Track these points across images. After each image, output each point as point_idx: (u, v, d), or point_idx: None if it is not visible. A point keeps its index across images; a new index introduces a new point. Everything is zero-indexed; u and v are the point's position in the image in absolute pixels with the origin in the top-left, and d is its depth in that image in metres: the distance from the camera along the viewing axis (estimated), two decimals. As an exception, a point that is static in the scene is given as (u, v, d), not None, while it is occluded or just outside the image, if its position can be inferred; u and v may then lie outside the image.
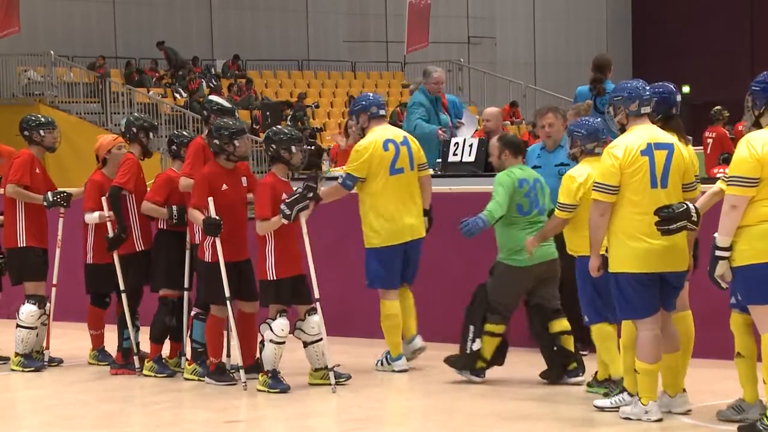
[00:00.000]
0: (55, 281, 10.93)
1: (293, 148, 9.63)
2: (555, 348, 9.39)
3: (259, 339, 9.59)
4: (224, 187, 9.77)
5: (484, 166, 11.80)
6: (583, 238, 8.44)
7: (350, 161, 10.24)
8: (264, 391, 9.41)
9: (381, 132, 10.27)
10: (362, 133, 10.62)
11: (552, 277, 9.47)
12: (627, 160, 7.93)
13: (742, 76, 40.89)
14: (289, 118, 30.11)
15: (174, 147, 10.49)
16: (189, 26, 35.51)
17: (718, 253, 7.44)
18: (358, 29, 38.24)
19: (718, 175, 16.80)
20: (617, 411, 8.28)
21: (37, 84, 29.46)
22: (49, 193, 10.80)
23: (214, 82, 32.55)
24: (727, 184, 7.47)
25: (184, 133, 10.65)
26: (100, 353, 10.94)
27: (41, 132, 10.96)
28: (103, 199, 10.50)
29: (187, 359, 10.28)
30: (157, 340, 10.34)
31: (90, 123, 28.51)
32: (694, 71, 39.56)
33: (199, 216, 9.68)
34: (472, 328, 9.46)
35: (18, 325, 10.78)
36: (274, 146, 9.67)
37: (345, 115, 30.58)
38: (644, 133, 8.04)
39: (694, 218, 7.73)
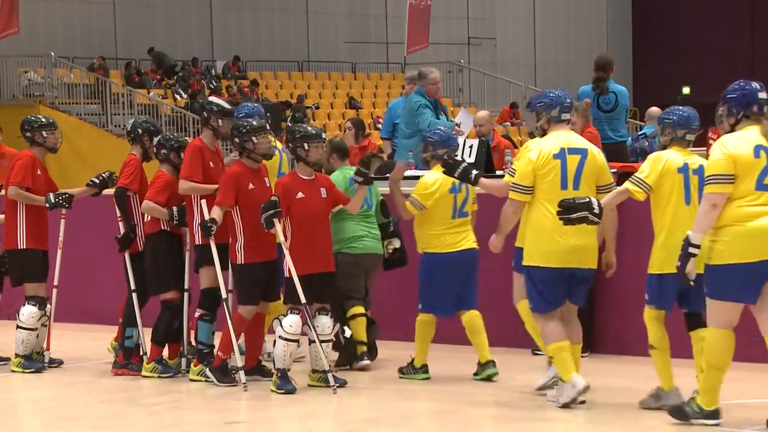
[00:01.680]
0: (56, 282, 10.93)
1: (306, 145, 9.60)
2: (344, 335, 10.19)
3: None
4: (251, 186, 9.75)
5: (485, 167, 11.79)
6: (429, 236, 9.67)
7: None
8: (274, 391, 9.41)
9: None
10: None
11: (373, 269, 10.51)
12: (540, 162, 8.49)
13: (743, 77, 40.87)
14: (289, 119, 30.11)
15: (164, 151, 10.45)
16: (189, 27, 35.51)
17: (691, 249, 7.68)
18: (359, 30, 38.25)
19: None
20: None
21: (37, 85, 29.49)
22: (51, 195, 10.78)
23: (215, 83, 32.56)
24: (706, 184, 7.74)
25: (175, 137, 10.59)
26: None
27: (44, 133, 10.95)
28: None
29: (187, 358, 10.30)
30: (159, 342, 10.34)
31: (90, 124, 28.53)
32: (694, 72, 39.58)
33: (215, 212, 9.66)
34: (339, 325, 10.08)
35: (18, 327, 10.77)
36: (290, 144, 9.67)
37: (345, 116, 30.60)
38: (560, 138, 8.58)
39: (596, 211, 8.12)
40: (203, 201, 9.82)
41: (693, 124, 8.52)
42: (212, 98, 10.78)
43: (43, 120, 11.11)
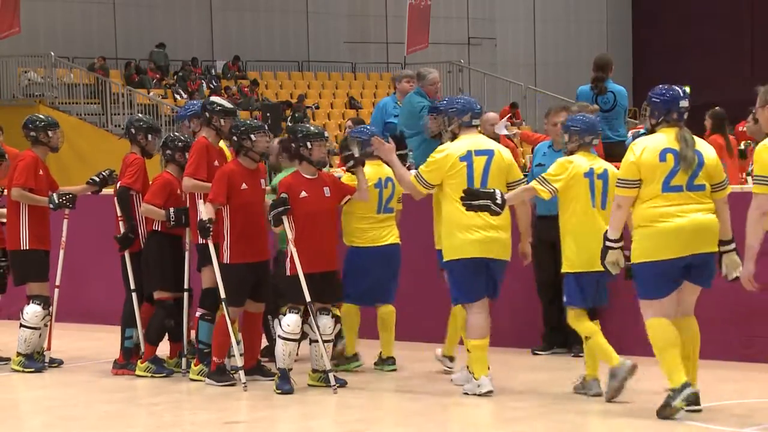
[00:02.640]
0: (58, 282, 10.93)
1: (309, 144, 9.59)
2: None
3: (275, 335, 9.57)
4: (243, 186, 9.74)
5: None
6: (356, 230, 10.08)
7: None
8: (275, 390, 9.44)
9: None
10: None
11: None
12: (447, 164, 9.07)
13: (742, 77, 40.94)
14: (289, 119, 30.12)
15: (168, 151, 10.46)
16: (189, 27, 35.51)
17: (607, 243, 8.24)
18: (359, 30, 38.24)
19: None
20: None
21: (37, 85, 29.50)
22: (54, 195, 10.80)
23: (215, 83, 32.56)
24: (616, 185, 8.26)
25: (179, 136, 10.59)
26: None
27: (48, 132, 10.97)
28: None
29: (187, 357, 10.31)
30: (152, 342, 10.35)
31: (90, 124, 28.54)
32: (694, 72, 39.55)
33: (208, 210, 9.67)
34: (271, 318, 10.35)
35: (22, 325, 10.79)
36: (293, 143, 9.67)
37: (345, 116, 30.60)
38: (468, 141, 9.16)
39: (498, 201, 8.67)
40: (200, 202, 9.83)
41: (598, 130, 9.13)
42: (214, 98, 10.78)
43: (47, 119, 11.13)
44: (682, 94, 8.32)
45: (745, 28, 40.93)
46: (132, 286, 10.56)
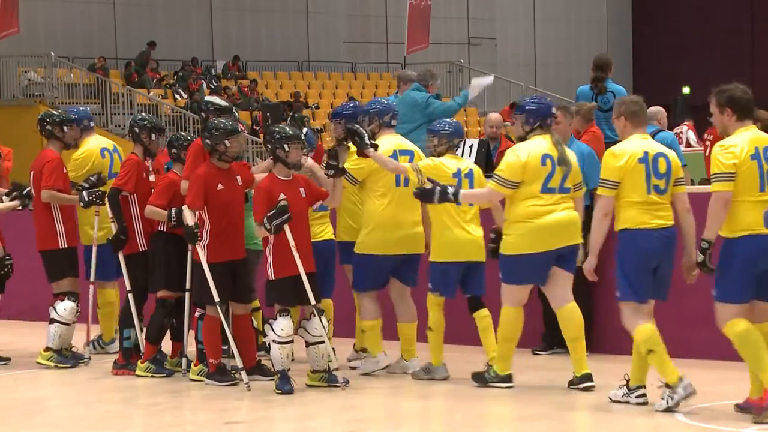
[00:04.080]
0: (92, 278, 10.90)
1: (286, 146, 9.58)
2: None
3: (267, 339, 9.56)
4: (220, 186, 9.76)
5: (485, 167, 11.79)
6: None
7: None
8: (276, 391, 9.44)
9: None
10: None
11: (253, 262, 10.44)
12: (374, 163, 9.76)
13: (742, 77, 40.91)
14: (289, 119, 30.11)
15: (174, 150, 10.47)
16: (189, 27, 35.51)
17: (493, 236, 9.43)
18: (359, 30, 38.25)
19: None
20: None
21: (37, 85, 29.51)
22: (85, 193, 10.82)
23: (215, 83, 32.56)
24: (491, 181, 9.18)
25: (185, 135, 10.61)
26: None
27: (64, 128, 11.01)
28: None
29: (186, 357, 10.31)
30: (153, 341, 10.35)
31: (90, 124, 28.49)
32: (693, 72, 39.55)
33: (189, 217, 9.68)
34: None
35: (54, 321, 10.79)
36: (269, 145, 9.66)
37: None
38: (391, 141, 9.97)
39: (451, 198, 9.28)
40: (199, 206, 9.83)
41: (462, 133, 9.95)
42: (209, 97, 10.81)
43: (63, 115, 11.17)
44: (551, 103, 9.48)
45: (745, 28, 40.94)
46: (128, 287, 10.56)
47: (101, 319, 11.63)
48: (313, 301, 9.49)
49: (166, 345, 10.59)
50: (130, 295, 10.54)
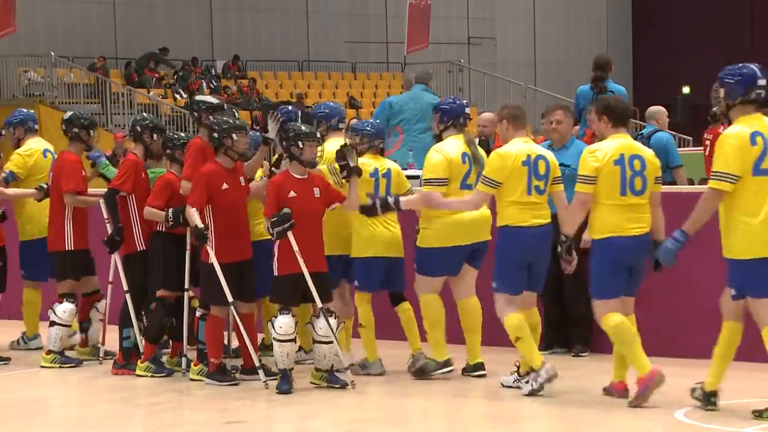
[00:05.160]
0: (111, 278, 10.94)
1: (301, 144, 9.50)
2: None
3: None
4: (224, 186, 9.74)
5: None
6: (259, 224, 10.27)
7: None
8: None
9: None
10: None
11: None
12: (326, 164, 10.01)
13: (743, 77, 40.79)
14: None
15: (169, 151, 10.46)
16: (189, 27, 35.50)
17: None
18: (359, 30, 38.23)
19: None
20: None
21: (37, 85, 29.50)
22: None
23: (215, 83, 32.55)
24: (424, 184, 9.61)
25: (181, 135, 10.60)
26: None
27: (90, 132, 11.10)
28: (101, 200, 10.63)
29: (186, 357, 10.31)
30: (152, 340, 10.35)
31: (90, 124, 28.48)
32: (693, 72, 39.53)
33: (195, 217, 9.65)
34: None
35: (54, 323, 10.80)
36: (284, 143, 9.65)
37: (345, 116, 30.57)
38: (335, 143, 10.03)
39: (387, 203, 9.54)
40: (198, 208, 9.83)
41: (383, 135, 10.27)
42: (199, 96, 10.85)
43: (91, 119, 11.31)
44: (465, 103, 9.93)
45: (745, 28, 40.93)
46: (125, 287, 10.56)
47: (25, 316, 11.96)
48: (318, 302, 9.48)
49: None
50: (127, 296, 10.54)
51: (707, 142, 19.52)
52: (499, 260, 9.10)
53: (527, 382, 9.01)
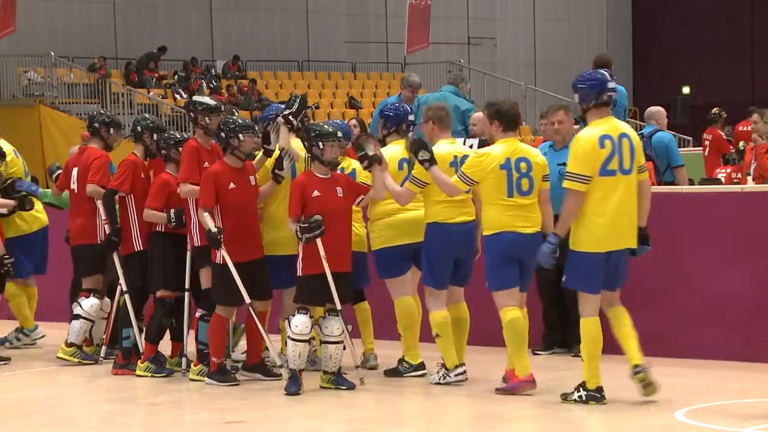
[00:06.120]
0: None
1: (321, 144, 9.50)
2: None
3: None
4: (231, 185, 9.72)
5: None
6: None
7: None
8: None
9: None
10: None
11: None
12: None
13: (742, 77, 40.94)
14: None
15: (164, 151, 10.46)
16: (189, 27, 35.50)
17: None
18: (359, 30, 38.23)
19: (719, 176, 16.82)
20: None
21: (37, 85, 29.49)
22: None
23: (215, 83, 32.55)
24: (411, 183, 9.54)
25: (172, 134, 10.59)
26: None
27: (111, 130, 11.10)
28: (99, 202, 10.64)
29: (186, 357, 10.32)
30: (152, 340, 10.35)
31: (90, 124, 28.47)
32: (693, 72, 39.56)
33: (208, 221, 9.62)
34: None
35: (78, 316, 10.81)
36: (305, 143, 9.63)
37: (345, 115, 30.59)
38: (300, 144, 10.06)
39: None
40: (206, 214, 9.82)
41: (349, 136, 10.31)
42: (197, 97, 10.84)
43: (114, 118, 11.32)
44: (410, 110, 10.20)
45: (745, 28, 40.92)
46: (124, 288, 10.56)
47: (15, 311, 12.15)
48: (338, 303, 9.45)
49: (167, 345, 10.59)
50: (126, 296, 10.54)
51: (706, 143, 19.56)
52: (425, 256, 9.47)
53: (437, 372, 9.54)
